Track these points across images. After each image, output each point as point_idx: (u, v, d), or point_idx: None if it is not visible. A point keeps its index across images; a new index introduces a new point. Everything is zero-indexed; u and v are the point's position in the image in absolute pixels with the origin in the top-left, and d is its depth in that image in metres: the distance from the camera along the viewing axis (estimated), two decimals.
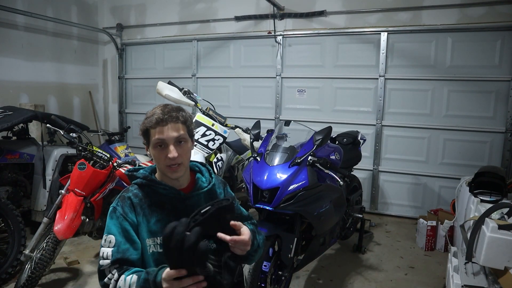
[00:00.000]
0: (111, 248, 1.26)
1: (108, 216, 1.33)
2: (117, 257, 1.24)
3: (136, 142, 6.17)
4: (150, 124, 1.30)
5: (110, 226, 1.30)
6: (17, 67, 5.00)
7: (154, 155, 1.33)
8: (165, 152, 1.30)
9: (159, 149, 1.31)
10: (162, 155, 1.30)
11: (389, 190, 4.74)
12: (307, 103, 5.03)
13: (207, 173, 1.48)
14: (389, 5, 4.49)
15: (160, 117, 1.29)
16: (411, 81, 4.49)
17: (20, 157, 3.43)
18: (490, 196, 2.57)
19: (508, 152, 4.11)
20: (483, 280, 1.82)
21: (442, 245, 3.63)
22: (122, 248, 1.26)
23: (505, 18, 4.00)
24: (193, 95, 3.46)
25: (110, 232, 1.29)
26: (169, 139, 1.29)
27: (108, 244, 1.27)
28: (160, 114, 1.30)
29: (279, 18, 5.00)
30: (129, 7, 6.11)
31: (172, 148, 1.29)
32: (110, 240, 1.27)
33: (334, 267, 3.24)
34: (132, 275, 1.19)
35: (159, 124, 1.29)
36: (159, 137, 1.29)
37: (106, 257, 1.25)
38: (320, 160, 2.39)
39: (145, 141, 1.36)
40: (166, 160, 1.30)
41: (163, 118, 1.29)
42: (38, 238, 2.65)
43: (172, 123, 1.30)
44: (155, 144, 1.31)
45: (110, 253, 1.25)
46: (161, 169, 1.35)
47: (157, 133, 1.29)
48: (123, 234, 1.28)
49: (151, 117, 1.31)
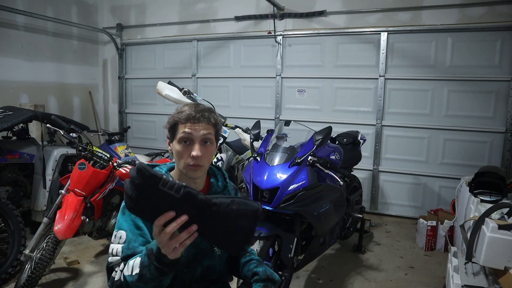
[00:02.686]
0: (121, 244, 1.20)
1: (120, 212, 1.28)
2: (127, 253, 1.19)
3: (136, 142, 6.18)
4: (181, 118, 1.27)
5: (122, 222, 1.25)
6: (17, 67, 5.00)
7: (178, 150, 1.28)
8: (189, 149, 1.26)
9: (184, 145, 1.27)
10: (186, 153, 1.26)
11: (389, 190, 4.74)
12: (307, 103, 5.03)
13: (221, 177, 1.46)
14: (389, 5, 4.49)
15: (192, 114, 1.27)
16: (411, 81, 4.49)
17: (20, 157, 3.43)
18: (490, 196, 2.57)
19: (508, 152, 4.11)
20: (483, 280, 1.82)
21: (442, 245, 3.63)
22: (133, 245, 1.20)
23: (505, 18, 4.00)
24: (193, 95, 3.46)
25: (121, 228, 1.24)
26: (197, 136, 1.26)
27: (119, 240, 1.21)
28: (193, 111, 1.28)
29: (279, 18, 5.00)
30: (129, 7, 6.11)
31: (197, 147, 1.26)
32: (121, 236, 1.22)
33: (334, 267, 3.24)
34: (134, 259, 1.15)
35: (190, 121, 1.26)
36: (187, 132, 1.26)
37: (116, 254, 1.20)
38: (320, 160, 2.39)
39: (170, 135, 1.32)
40: (188, 158, 1.26)
41: (195, 116, 1.27)
42: (38, 238, 2.65)
43: (203, 123, 1.28)
44: (181, 138, 1.27)
45: (120, 249, 1.19)
46: (181, 167, 1.30)
47: (186, 128, 1.26)
48: (135, 231, 1.23)
49: (183, 112, 1.28)
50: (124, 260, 1.18)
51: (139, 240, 1.22)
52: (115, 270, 1.18)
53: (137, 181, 0.99)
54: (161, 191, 0.99)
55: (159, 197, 1.00)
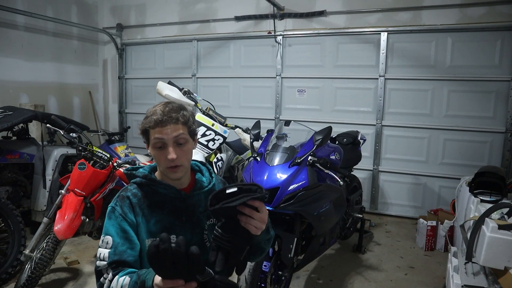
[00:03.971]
0: (108, 249, 1.24)
1: (106, 216, 1.31)
2: (113, 259, 1.23)
3: (136, 142, 6.17)
4: (149, 124, 1.26)
5: (108, 226, 1.28)
6: (17, 67, 5.00)
7: (154, 155, 1.30)
8: (164, 153, 1.27)
9: (159, 150, 1.28)
10: (162, 156, 1.27)
11: (389, 190, 4.74)
12: (307, 103, 5.03)
13: (207, 172, 1.46)
14: (389, 5, 4.49)
15: (159, 118, 1.25)
16: (411, 81, 4.49)
17: (20, 157, 3.43)
18: (490, 196, 2.57)
19: (508, 152, 4.11)
20: (483, 280, 1.82)
21: (442, 245, 3.63)
22: (120, 250, 1.24)
23: (505, 18, 4.00)
24: (193, 95, 3.45)
25: (107, 233, 1.27)
26: (168, 140, 1.26)
27: (105, 245, 1.25)
28: (159, 115, 1.25)
29: (279, 18, 5.00)
30: (129, 7, 6.11)
31: (171, 150, 1.26)
32: (108, 241, 1.25)
33: (334, 267, 3.24)
34: (125, 277, 1.18)
35: (158, 125, 1.25)
36: (158, 138, 1.26)
37: (103, 259, 1.24)
38: (320, 160, 2.39)
39: (145, 140, 1.33)
40: (166, 161, 1.27)
41: (162, 119, 1.25)
42: (38, 238, 2.65)
43: (172, 124, 1.26)
44: (154, 144, 1.28)
45: (107, 255, 1.23)
46: (162, 170, 1.33)
47: (156, 134, 1.26)
48: (121, 235, 1.26)
49: (150, 117, 1.27)
50: (111, 265, 1.22)
51: (126, 244, 1.25)
52: (103, 276, 1.23)
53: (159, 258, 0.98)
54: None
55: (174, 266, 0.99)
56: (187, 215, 1.36)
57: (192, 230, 1.36)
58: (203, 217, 1.39)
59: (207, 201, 1.39)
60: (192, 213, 1.37)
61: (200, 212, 1.38)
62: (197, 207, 1.38)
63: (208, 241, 1.38)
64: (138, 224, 1.31)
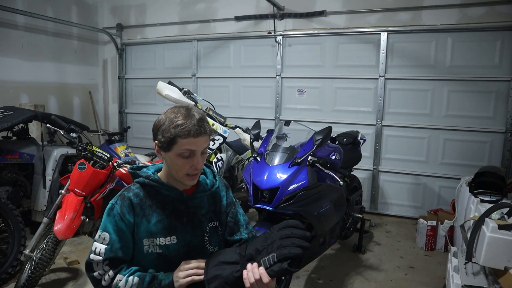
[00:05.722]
0: (105, 245, 1.27)
1: (105, 212, 1.32)
2: (109, 255, 1.26)
3: (136, 142, 6.18)
4: (181, 134, 1.23)
5: (106, 223, 1.30)
6: (17, 67, 5.00)
7: (176, 163, 1.28)
8: (190, 162, 1.27)
9: (184, 159, 1.27)
10: (187, 165, 1.27)
11: (389, 190, 4.74)
12: (307, 103, 5.03)
13: (211, 175, 1.46)
14: (389, 5, 4.49)
15: (193, 129, 1.23)
16: (411, 81, 4.49)
17: (20, 157, 3.42)
18: (490, 196, 2.57)
19: (508, 152, 4.11)
20: (483, 280, 1.82)
21: (442, 245, 3.63)
22: (116, 247, 1.27)
23: (505, 18, 4.00)
24: (193, 95, 3.45)
25: (105, 229, 1.29)
26: (199, 150, 1.28)
27: (102, 240, 1.28)
28: (192, 125, 1.23)
29: (279, 18, 5.00)
30: (129, 7, 6.11)
31: (199, 160, 1.28)
32: (105, 237, 1.28)
33: (334, 267, 3.24)
34: (133, 277, 1.21)
35: (191, 136, 1.23)
36: (190, 148, 1.25)
37: (98, 253, 1.26)
38: (320, 160, 2.39)
39: (165, 145, 1.26)
40: (190, 169, 1.28)
41: (196, 131, 1.24)
42: (38, 238, 2.65)
43: (203, 136, 1.26)
44: (181, 153, 1.26)
45: (103, 251, 1.26)
46: (178, 176, 1.31)
47: (188, 144, 1.24)
48: (118, 233, 1.29)
49: (182, 126, 1.22)
50: (105, 261, 1.26)
51: (121, 243, 1.29)
52: (97, 271, 1.26)
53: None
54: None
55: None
56: (188, 216, 1.36)
57: (193, 232, 1.36)
58: (205, 219, 1.39)
59: (209, 203, 1.40)
60: (194, 215, 1.37)
61: (202, 214, 1.39)
62: (199, 209, 1.39)
63: (208, 243, 1.39)
64: (137, 225, 1.31)
